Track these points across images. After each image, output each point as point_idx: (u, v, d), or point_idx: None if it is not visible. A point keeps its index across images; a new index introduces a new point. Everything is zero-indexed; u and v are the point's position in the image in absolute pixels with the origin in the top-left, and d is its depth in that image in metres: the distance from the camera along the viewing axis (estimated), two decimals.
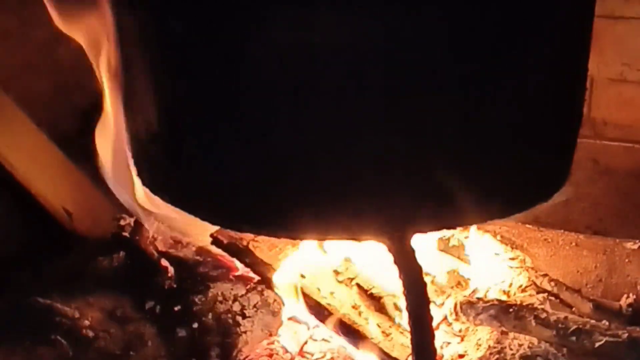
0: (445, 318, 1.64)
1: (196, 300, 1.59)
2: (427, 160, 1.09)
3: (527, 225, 1.83)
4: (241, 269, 1.67)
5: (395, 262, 1.23)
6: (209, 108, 1.12)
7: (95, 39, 1.41)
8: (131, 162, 1.38)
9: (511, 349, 1.55)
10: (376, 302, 1.59)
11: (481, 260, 1.79)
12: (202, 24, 1.08)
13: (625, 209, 1.84)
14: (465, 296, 1.65)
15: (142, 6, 1.15)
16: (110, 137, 1.48)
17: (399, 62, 1.03)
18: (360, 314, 1.55)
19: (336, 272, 1.64)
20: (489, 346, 1.56)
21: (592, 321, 1.54)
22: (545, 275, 1.76)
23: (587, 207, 1.87)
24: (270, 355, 1.59)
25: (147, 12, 1.15)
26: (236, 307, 1.58)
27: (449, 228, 1.55)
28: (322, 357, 1.59)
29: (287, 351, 1.60)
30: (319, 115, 1.05)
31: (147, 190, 1.34)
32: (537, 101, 1.16)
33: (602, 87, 1.79)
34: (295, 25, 1.02)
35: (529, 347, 1.55)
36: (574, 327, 1.51)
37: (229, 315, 1.57)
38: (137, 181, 1.36)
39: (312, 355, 1.59)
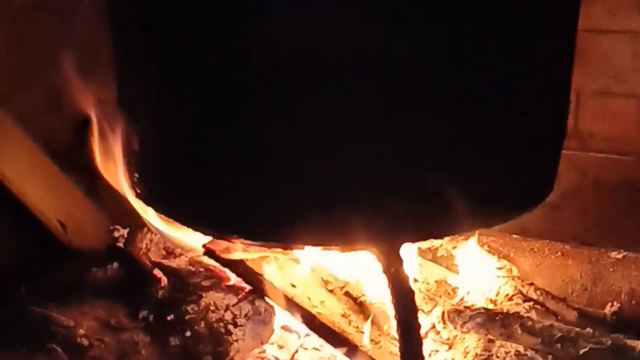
0: (433, 326, 1.65)
1: (189, 309, 1.60)
2: (416, 172, 1.11)
3: (514, 236, 1.84)
4: (233, 279, 1.67)
5: (384, 271, 1.25)
6: (202, 119, 1.13)
7: None
8: (124, 174, 1.40)
9: (498, 357, 1.57)
10: (365, 310, 1.61)
11: (469, 269, 1.80)
12: (189, 33, 1.10)
13: (611, 219, 1.85)
14: (452, 305, 1.67)
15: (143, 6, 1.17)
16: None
17: (391, 75, 1.05)
18: (349, 322, 1.57)
19: (326, 282, 1.66)
20: (476, 354, 1.58)
21: (577, 329, 1.55)
22: (532, 284, 1.79)
23: (573, 217, 1.88)
24: None
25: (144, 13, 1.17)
26: (228, 316, 1.59)
27: (436, 238, 1.57)
28: None
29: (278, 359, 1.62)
30: (310, 125, 1.07)
31: (141, 202, 1.36)
32: (524, 114, 1.19)
33: (589, 99, 1.79)
34: (292, 33, 1.04)
35: (515, 354, 1.57)
36: (559, 334, 1.52)
37: (221, 324, 1.58)
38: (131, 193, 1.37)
39: None
